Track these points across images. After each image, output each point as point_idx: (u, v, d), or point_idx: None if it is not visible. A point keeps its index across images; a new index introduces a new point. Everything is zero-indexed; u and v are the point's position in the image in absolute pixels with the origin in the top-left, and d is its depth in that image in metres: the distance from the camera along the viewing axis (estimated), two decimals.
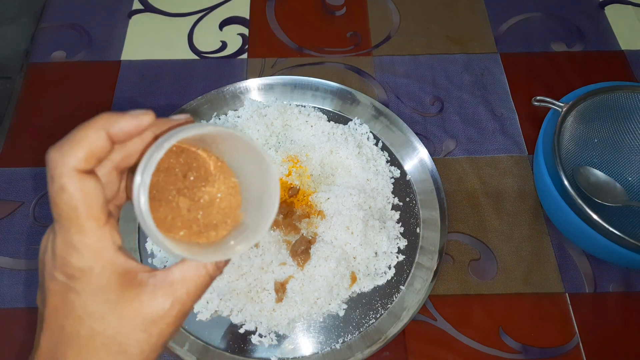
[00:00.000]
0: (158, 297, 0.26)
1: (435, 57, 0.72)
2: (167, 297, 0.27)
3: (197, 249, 0.28)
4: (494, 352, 0.51)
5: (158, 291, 0.27)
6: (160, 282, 0.27)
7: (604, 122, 0.57)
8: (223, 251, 0.28)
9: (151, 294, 0.26)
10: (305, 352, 0.50)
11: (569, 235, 0.56)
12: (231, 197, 0.30)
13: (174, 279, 0.27)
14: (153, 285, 0.27)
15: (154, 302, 0.26)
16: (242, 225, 0.30)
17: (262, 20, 0.76)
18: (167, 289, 0.27)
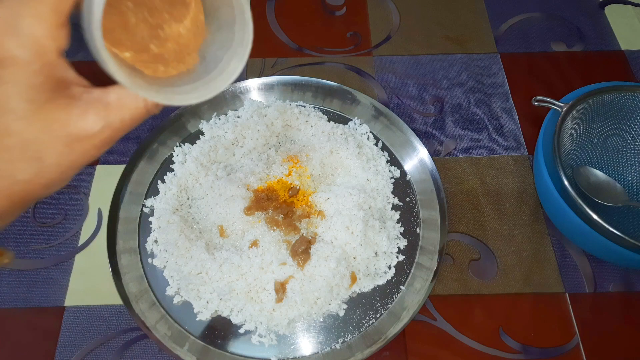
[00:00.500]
0: (89, 115, 0.25)
1: (435, 57, 0.72)
2: (99, 119, 0.25)
3: (140, 80, 0.25)
4: (494, 352, 0.51)
5: (91, 109, 0.25)
6: (94, 100, 0.25)
7: (604, 122, 0.57)
8: (167, 94, 0.25)
9: (83, 109, 0.25)
10: (305, 352, 0.50)
11: (569, 235, 0.56)
12: (193, 37, 0.27)
13: (109, 101, 0.25)
14: (86, 101, 0.25)
15: (83, 119, 0.25)
16: (195, 72, 0.27)
17: (262, 20, 0.76)
18: (100, 110, 0.25)
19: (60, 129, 0.24)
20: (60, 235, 0.57)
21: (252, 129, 0.60)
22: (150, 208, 0.57)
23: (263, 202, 0.55)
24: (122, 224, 0.55)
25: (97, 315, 0.52)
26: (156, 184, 0.58)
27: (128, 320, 0.52)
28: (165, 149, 0.61)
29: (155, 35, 0.26)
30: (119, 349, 0.50)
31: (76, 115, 0.25)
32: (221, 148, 0.60)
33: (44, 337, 0.51)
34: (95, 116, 0.25)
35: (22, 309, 0.52)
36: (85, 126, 0.25)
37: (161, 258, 0.54)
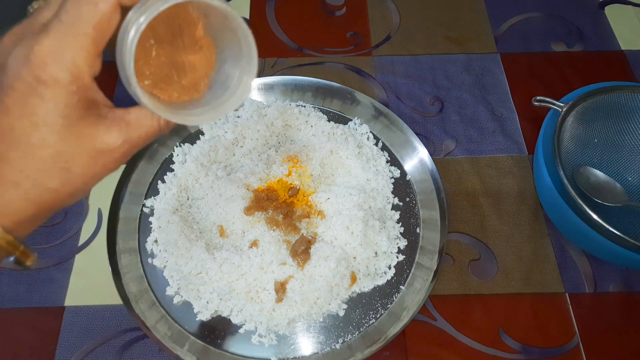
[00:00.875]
0: (113, 131, 0.28)
1: (435, 57, 0.72)
2: (121, 134, 0.29)
3: (158, 103, 0.29)
4: (494, 352, 0.51)
5: (114, 126, 0.29)
6: (117, 118, 0.29)
7: (604, 122, 0.57)
8: (181, 115, 0.30)
9: (108, 126, 0.28)
10: (305, 352, 0.50)
11: (569, 235, 0.56)
12: (204, 68, 0.32)
13: (130, 119, 0.29)
14: (111, 119, 0.29)
15: (108, 135, 0.28)
16: (202, 98, 0.32)
17: (262, 20, 0.76)
18: (122, 127, 0.29)
19: (88, 143, 0.28)
20: (60, 235, 0.57)
21: (252, 129, 0.60)
22: (150, 208, 0.57)
23: (263, 202, 0.55)
24: (122, 224, 0.55)
25: (97, 315, 0.52)
26: (156, 184, 0.58)
27: (128, 320, 0.52)
28: (165, 149, 0.61)
29: (173, 66, 0.30)
30: (119, 349, 0.50)
31: (102, 131, 0.28)
32: (221, 148, 0.60)
33: (44, 337, 0.51)
34: (118, 132, 0.29)
35: (22, 309, 0.52)
36: (109, 141, 0.28)
37: (161, 258, 0.54)
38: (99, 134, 0.28)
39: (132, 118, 0.29)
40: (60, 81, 0.26)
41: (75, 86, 0.27)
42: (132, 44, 0.26)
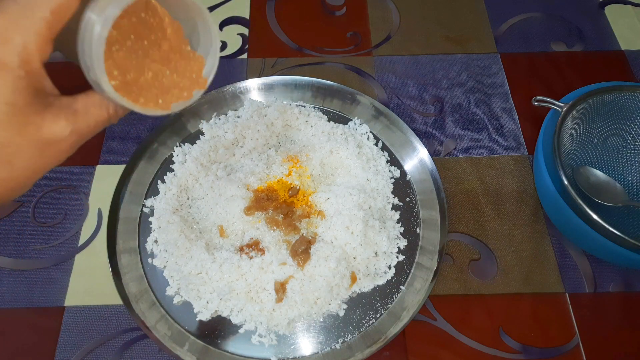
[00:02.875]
0: (61, 120, 0.27)
1: (435, 57, 0.72)
2: (69, 124, 0.27)
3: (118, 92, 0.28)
4: (494, 352, 0.51)
5: (61, 114, 0.27)
6: (64, 106, 0.27)
7: (604, 122, 0.57)
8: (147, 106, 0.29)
9: (55, 114, 0.26)
10: (305, 352, 0.50)
11: (569, 235, 0.56)
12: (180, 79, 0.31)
13: (77, 108, 0.27)
14: (58, 107, 0.27)
15: (55, 125, 0.26)
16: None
17: (262, 20, 0.76)
18: (70, 116, 0.27)
19: (34, 133, 0.26)
20: (60, 235, 0.57)
21: (252, 129, 0.60)
22: (150, 208, 0.57)
23: (263, 202, 0.55)
24: (122, 224, 0.55)
25: (97, 315, 0.52)
26: (156, 184, 0.58)
27: (128, 320, 0.52)
28: (165, 149, 0.61)
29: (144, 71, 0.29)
30: (119, 349, 0.50)
31: (49, 120, 0.26)
32: (221, 148, 0.60)
33: (44, 337, 0.51)
34: (65, 121, 0.27)
35: (22, 309, 0.52)
36: (57, 131, 0.26)
37: (161, 258, 0.54)
38: (45, 123, 0.26)
39: (79, 106, 0.27)
40: (7, 65, 0.24)
41: (24, 71, 0.25)
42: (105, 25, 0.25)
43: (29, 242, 0.56)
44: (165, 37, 0.30)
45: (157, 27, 0.30)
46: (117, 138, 0.64)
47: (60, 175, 0.61)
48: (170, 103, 0.30)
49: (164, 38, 0.30)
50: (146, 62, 0.29)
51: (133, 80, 0.28)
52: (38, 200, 0.59)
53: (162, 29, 0.30)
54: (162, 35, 0.30)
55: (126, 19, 0.28)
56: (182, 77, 0.31)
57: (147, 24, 0.29)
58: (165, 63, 0.30)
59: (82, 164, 0.61)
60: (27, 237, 0.57)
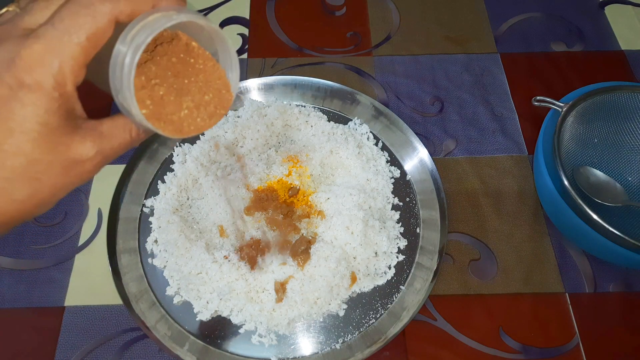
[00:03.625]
0: (87, 141, 0.28)
1: (435, 57, 0.72)
2: (95, 145, 0.28)
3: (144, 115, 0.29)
4: (494, 352, 0.51)
5: (88, 136, 0.28)
6: (91, 129, 0.28)
7: (604, 122, 0.57)
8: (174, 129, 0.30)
9: (82, 136, 0.28)
10: (305, 352, 0.50)
11: (569, 235, 0.56)
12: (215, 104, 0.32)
13: (103, 130, 0.29)
14: (85, 130, 0.28)
15: (82, 146, 0.28)
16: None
17: (262, 20, 0.76)
18: (96, 138, 0.28)
19: (63, 152, 0.27)
20: (60, 235, 0.57)
21: (252, 129, 0.60)
22: (150, 208, 0.57)
23: (263, 202, 0.55)
24: (122, 224, 0.55)
25: (97, 315, 0.52)
26: (156, 184, 0.58)
27: (128, 320, 0.52)
28: (165, 149, 0.61)
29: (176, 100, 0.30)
30: (119, 349, 0.50)
31: (77, 141, 0.27)
32: (221, 148, 0.60)
33: (44, 337, 0.51)
34: (92, 143, 0.28)
35: (22, 309, 0.52)
36: (83, 151, 0.28)
37: (161, 258, 0.54)
38: (74, 144, 0.27)
39: (105, 129, 0.29)
40: (43, 86, 0.25)
41: (58, 93, 0.26)
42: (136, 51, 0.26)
43: (29, 242, 0.56)
44: (202, 69, 0.32)
45: (195, 62, 0.31)
46: None
47: None
48: (196, 128, 0.31)
49: (201, 71, 0.31)
50: (184, 100, 0.30)
51: (167, 114, 0.30)
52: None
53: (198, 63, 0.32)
54: (199, 69, 0.31)
55: (166, 58, 0.30)
56: (211, 101, 0.32)
57: (187, 63, 0.31)
58: (200, 93, 0.31)
59: None
60: (27, 237, 0.57)
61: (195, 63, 0.31)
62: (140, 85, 0.29)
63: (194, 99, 0.31)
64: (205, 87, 0.31)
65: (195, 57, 0.31)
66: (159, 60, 0.30)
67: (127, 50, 0.27)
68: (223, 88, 0.32)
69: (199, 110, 0.31)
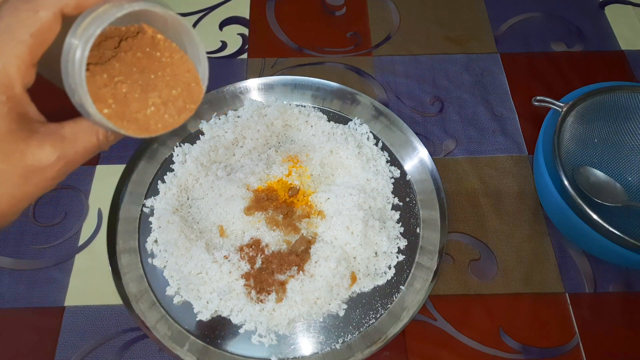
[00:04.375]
0: (46, 146, 0.26)
1: (435, 57, 0.72)
2: (55, 150, 0.26)
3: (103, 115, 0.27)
4: (494, 352, 0.51)
5: (47, 141, 0.26)
6: (50, 133, 0.26)
7: (604, 122, 0.57)
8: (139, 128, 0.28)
9: (40, 140, 0.26)
10: (305, 352, 0.50)
11: (569, 235, 0.56)
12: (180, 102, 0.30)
13: (64, 134, 0.27)
14: (43, 134, 0.26)
15: (40, 151, 0.25)
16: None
17: (262, 20, 0.76)
18: (56, 142, 0.26)
19: (19, 159, 0.25)
20: (60, 235, 0.57)
21: (252, 129, 0.60)
22: (150, 208, 0.57)
23: (263, 202, 0.55)
24: (122, 224, 0.55)
25: (97, 315, 0.52)
26: (156, 184, 0.58)
27: (128, 320, 0.52)
28: (165, 149, 0.61)
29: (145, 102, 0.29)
30: (119, 349, 0.50)
31: (34, 146, 0.25)
32: (221, 148, 0.60)
33: (44, 337, 0.51)
34: (51, 148, 0.26)
35: (22, 309, 0.52)
36: (42, 157, 0.25)
37: (161, 258, 0.54)
38: (30, 149, 0.25)
39: (67, 132, 0.27)
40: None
41: (5, 96, 0.24)
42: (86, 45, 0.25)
43: (29, 242, 0.56)
44: (168, 63, 0.30)
45: (161, 56, 0.30)
46: None
47: None
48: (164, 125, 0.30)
49: (168, 64, 0.30)
50: (150, 97, 0.29)
51: (131, 113, 0.28)
52: (38, 200, 0.59)
53: (164, 56, 0.30)
54: (165, 62, 0.30)
55: (130, 53, 0.29)
56: (179, 96, 0.30)
57: (153, 58, 0.29)
58: (168, 88, 0.30)
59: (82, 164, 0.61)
60: (27, 237, 0.57)
61: (161, 56, 0.29)
62: (102, 84, 0.27)
63: (161, 94, 0.29)
64: (173, 81, 0.30)
65: (161, 50, 0.30)
66: (123, 56, 0.28)
67: (78, 44, 0.25)
68: (192, 81, 0.30)
69: (166, 107, 0.29)
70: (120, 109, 0.27)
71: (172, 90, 0.29)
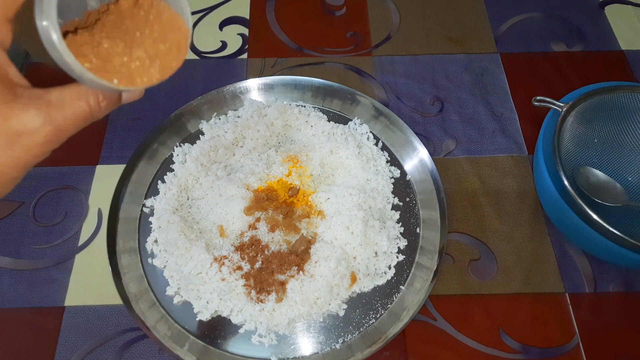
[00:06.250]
0: (30, 110, 0.25)
1: (435, 57, 0.72)
2: (40, 113, 0.25)
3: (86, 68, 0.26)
4: (494, 352, 0.51)
5: (32, 105, 0.25)
6: (36, 97, 0.25)
7: (604, 122, 0.57)
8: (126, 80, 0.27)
9: (24, 104, 0.24)
10: (305, 352, 0.50)
11: (569, 235, 0.56)
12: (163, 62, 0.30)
13: (51, 98, 0.25)
14: (28, 98, 0.25)
15: (24, 115, 0.24)
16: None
17: (262, 20, 0.76)
18: (41, 106, 0.25)
19: (2, 122, 0.24)
20: (60, 235, 0.57)
21: (252, 129, 0.60)
22: (150, 208, 0.57)
23: (263, 202, 0.55)
24: (122, 224, 0.55)
25: (97, 315, 0.52)
26: (156, 184, 0.58)
27: (128, 320, 0.52)
28: (165, 149, 0.61)
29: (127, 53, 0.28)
30: (119, 349, 0.50)
31: (18, 109, 0.24)
32: (221, 148, 0.60)
33: (44, 337, 0.51)
34: (37, 111, 0.25)
35: (22, 309, 0.52)
36: (27, 120, 0.24)
37: (161, 258, 0.54)
38: (13, 112, 0.24)
39: (53, 97, 0.25)
40: None
41: None
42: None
43: (29, 242, 0.56)
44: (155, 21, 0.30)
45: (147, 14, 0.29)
46: (117, 138, 0.64)
47: (60, 175, 0.61)
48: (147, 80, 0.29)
49: (155, 22, 0.30)
50: (135, 52, 0.28)
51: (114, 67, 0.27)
52: (38, 200, 0.59)
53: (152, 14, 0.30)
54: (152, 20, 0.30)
55: (113, 15, 0.28)
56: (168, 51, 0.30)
57: (137, 16, 0.29)
58: (155, 44, 0.29)
59: (82, 164, 0.61)
60: (27, 237, 0.57)
61: (147, 15, 0.29)
62: (82, 42, 0.27)
63: (147, 50, 0.29)
64: (161, 37, 0.29)
65: (146, 9, 0.29)
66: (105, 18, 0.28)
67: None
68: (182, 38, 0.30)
69: (152, 61, 0.29)
70: (102, 64, 0.27)
71: (159, 45, 0.29)
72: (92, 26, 0.28)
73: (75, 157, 0.62)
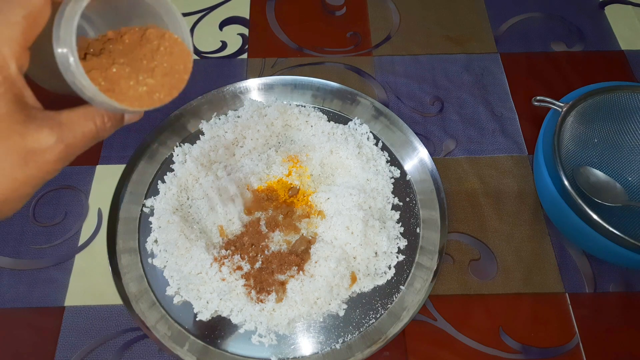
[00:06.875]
0: (44, 130, 0.26)
1: (435, 57, 0.72)
2: (53, 134, 0.27)
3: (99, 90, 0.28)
4: (494, 352, 0.51)
5: (45, 125, 0.26)
6: (48, 118, 0.27)
7: (604, 122, 0.57)
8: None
9: (38, 124, 0.26)
10: (305, 352, 0.50)
11: (569, 235, 0.56)
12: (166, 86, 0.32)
13: (62, 119, 0.27)
14: (41, 119, 0.26)
15: (39, 134, 0.26)
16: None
17: (262, 20, 0.76)
18: (54, 126, 0.27)
19: (18, 141, 0.25)
20: (60, 235, 0.57)
21: (252, 129, 0.60)
22: (150, 208, 0.57)
23: (263, 202, 0.55)
24: (122, 224, 0.55)
25: (97, 315, 0.52)
26: (156, 184, 0.58)
27: (128, 320, 0.52)
28: (165, 149, 0.61)
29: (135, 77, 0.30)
30: (119, 349, 0.50)
31: (32, 129, 0.26)
32: (221, 148, 0.60)
33: (44, 337, 0.51)
34: (50, 130, 0.26)
35: (22, 309, 0.52)
36: (41, 139, 0.26)
37: (161, 258, 0.54)
38: (29, 132, 0.25)
39: (64, 118, 0.27)
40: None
41: (2, 76, 0.24)
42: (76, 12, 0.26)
43: (29, 242, 0.56)
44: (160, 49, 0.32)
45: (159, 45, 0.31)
46: (117, 138, 0.64)
47: (60, 175, 0.60)
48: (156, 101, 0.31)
49: (162, 52, 0.31)
50: (141, 76, 0.30)
51: (121, 90, 0.29)
52: (38, 200, 0.59)
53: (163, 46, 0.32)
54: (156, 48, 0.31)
55: (120, 44, 0.30)
56: (171, 72, 0.32)
57: (144, 47, 0.31)
58: (161, 69, 0.31)
59: (82, 164, 0.61)
60: (27, 237, 0.57)
61: (158, 45, 0.31)
62: (91, 67, 0.29)
63: (153, 75, 0.31)
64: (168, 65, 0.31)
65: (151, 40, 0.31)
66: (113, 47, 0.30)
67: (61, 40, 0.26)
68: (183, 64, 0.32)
69: (160, 86, 0.31)
70: (110, 86, 0.29)
71: (164, 71, 0.31)
72: (99, 54, 0.30)
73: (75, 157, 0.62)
